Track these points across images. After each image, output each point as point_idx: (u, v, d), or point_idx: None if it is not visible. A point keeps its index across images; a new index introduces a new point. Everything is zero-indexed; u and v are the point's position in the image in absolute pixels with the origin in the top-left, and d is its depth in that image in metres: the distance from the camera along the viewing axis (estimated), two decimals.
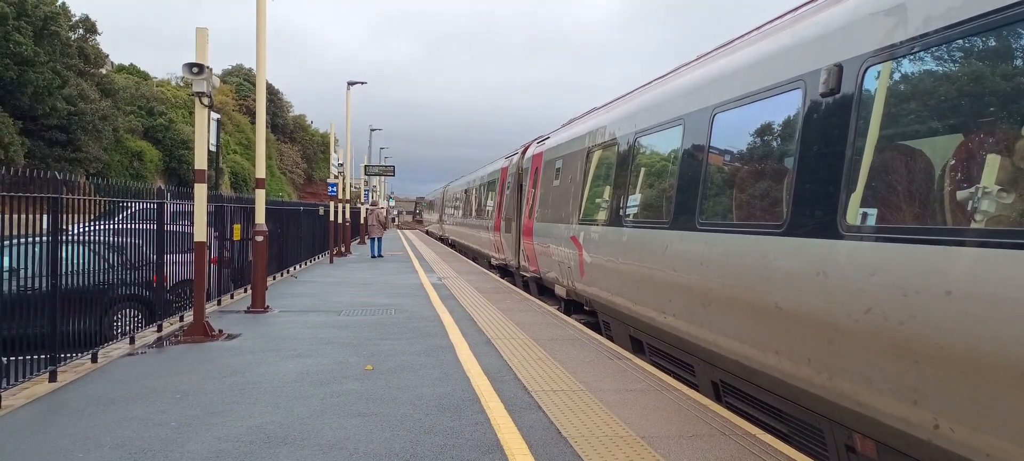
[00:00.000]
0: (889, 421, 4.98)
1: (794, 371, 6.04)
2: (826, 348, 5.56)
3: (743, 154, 7.75)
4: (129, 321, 11.21)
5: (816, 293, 5.65)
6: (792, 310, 5.98)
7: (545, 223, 16.04)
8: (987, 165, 4.42)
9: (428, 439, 6.17)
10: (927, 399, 4.56)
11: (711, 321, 7.56)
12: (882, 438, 5.20)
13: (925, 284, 4.56)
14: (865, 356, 5.13)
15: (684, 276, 8.19)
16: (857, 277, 5.21)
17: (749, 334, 6.75)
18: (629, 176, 10.81)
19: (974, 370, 4.20)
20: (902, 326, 4.73)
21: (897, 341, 4.79)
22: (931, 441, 4.57)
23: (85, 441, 6.05)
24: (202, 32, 10.73)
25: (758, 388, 6.92)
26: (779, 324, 6.17)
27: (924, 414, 4.60)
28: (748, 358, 6.84)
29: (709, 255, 7.60)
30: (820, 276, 5.62)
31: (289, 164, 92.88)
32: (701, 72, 9.05)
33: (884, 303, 4.90)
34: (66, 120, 43.83)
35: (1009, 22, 4.25)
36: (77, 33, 49.43)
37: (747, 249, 6.82)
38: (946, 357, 4.40)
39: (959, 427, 4.33)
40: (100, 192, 9.25)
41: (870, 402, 5.15)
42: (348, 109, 34.91)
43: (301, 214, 25.04)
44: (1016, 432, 3.94)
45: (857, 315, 5.17)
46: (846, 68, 5.70)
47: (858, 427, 5.47)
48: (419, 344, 10.48)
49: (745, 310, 6.78)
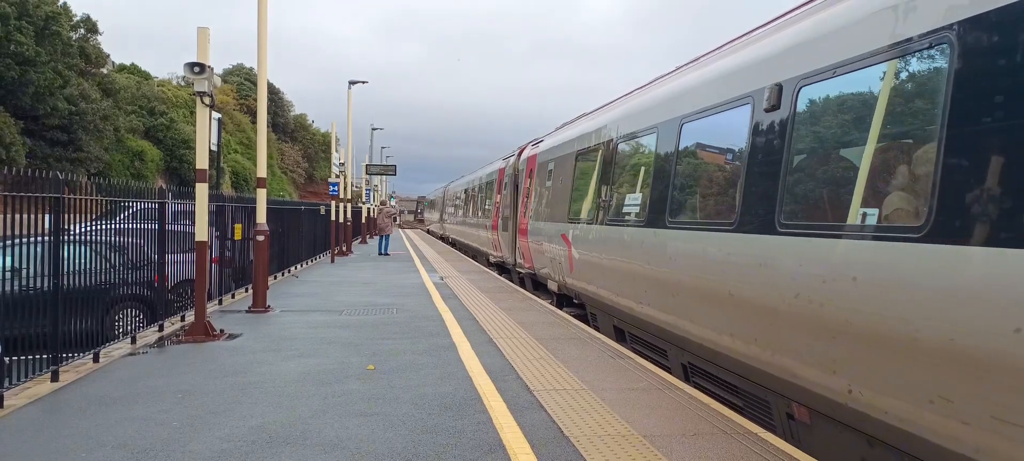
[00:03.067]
0: (816, 389, 5.85)
1: (745, 350, 6.93)
2: (768, 329, 6.44)
3: (705, 160, 8.77)
4: (131, 321, 11.20)
5: (759, 281, 6.58)
6: (742, 297, 6.90)
7: (539, 222, 16.92)
8: (884, 172, 5.46)
9: (430, 439, 6.16)
10: (842, 368, 5.47)
11: (679, 309, 8.48)
12: (813, 404, 6.08)
13: (837, 272, 5.49)
14: (797, 334, 6.01)
15: (656, 269, 9.15)
16: (789, 267, 6.14)
17: (710, 320, 7.66)
18: (611, 178, 11.78)
19: (873, 342, 5.10)
20: (822, 308, 5.65)
21: (819, 320, 5.69)
22: (847, 404, 5.47)
23: (87, 440, 6.05)
24: (203, 32, 10.73)
25: (718, 367, 7.82)
26: (732, 310, 7.10)
27: (841, 381, 5.50)
28: (710, 341, 7.73)
29: (677, 250, 8.59)
30: (762, 267, 6.56)
31: (290, 163, 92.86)
32: (673, 84, 9.98)
33: (809, 289, 5.82)
34: (67, 120, 43.80)
35: (889, 58, 5.34)
36: (78, 33, 49.41)
37: (707, 244, 7.75)
38: (854, 332, 5.31)
39: (866, 390, 5.23)
40: (101, 192, 9.25)
41: (803, 374, 6.03)
42: (349, 108, 34.92)
43: (302, 213, 25.02)
44: (905, 391, 4.81)
45: (789, 299, 6.06)
46: (785, 88, 6.65)
47: (795, 397, 6.35)
48: (421, 343, 10.48)
49: (706, 298, 7.72)
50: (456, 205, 42.96)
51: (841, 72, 5.92)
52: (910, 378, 4.76)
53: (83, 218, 8.62)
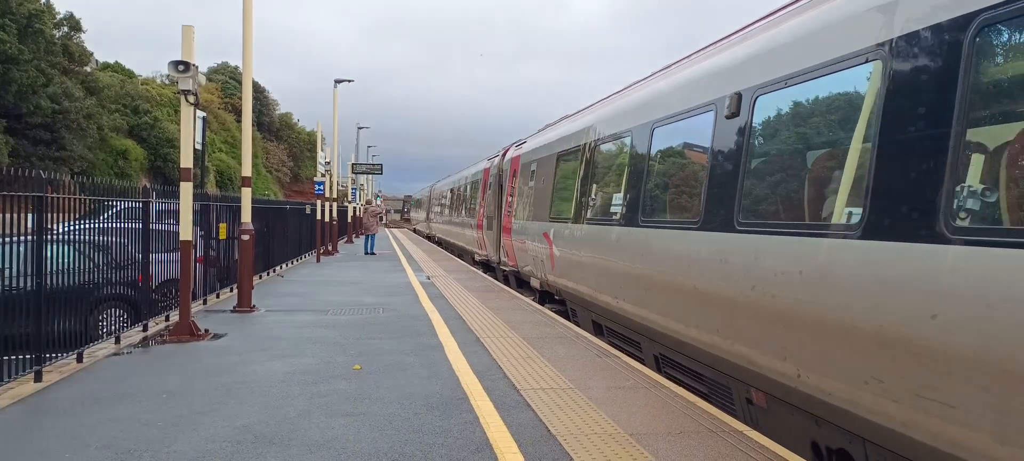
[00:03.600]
0: (771, 375, 6.31)
1: (709, 341, 7.41)
2: (729, 320, 6.92)
3: (674, 162, 9.32)
4: (115, 321, 11.11)
5: (720, 276, 7.07)
6: (705, 290, 7.39)
7: (522, 221, 17.46)
8: (827, 175, 5.98)
9: (417, 438, 6.16)
10: (792, 354, 5.91)
11: (651, 303, 8.98)
12: (768, 389, 6.55)
13: (786, 266, 5.97)
14: (753, 324, 6.48)
15: (630, 266, 9.66)
16: (745, 262, 6.60)
17: (678, 312, 8.14)
18: (589, 179, 12.32)
19: (817, 330, 5.57)
20: (774, 299, 6.11)
21: (772, 311, 6.16)
22: (797, 388, 5.91)
23: (71, 441, 6.00)
24: (188, 30, 10.67)
25: (686, 357, 8.33)
26: (697, 302, 7.59)
27: (791, 366, 5.94)
28: (678, 332, 8.21)
29: (648, 248, 9.10)
30: (722, 262, 7.05)
31: (275, 162, 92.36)
32: (646, 90, 10.51)
33: (763, 281, 6.27)
34: (50, 118, 43.38)
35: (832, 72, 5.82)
36: (61, 31, 48.97)
37: (675, 242, 8.29)
38: (800, 321, 5.79)
39: (812, 374, 5.69)
40: (85, 191, 9.18)
41: (759, 361, 6.48)
42: (335, 107, 34.79)
43: (288, 212, 24.94)
44: (845, 374, 5.27)
45: (746, 292, 6.54)
46: (743, 96, 7.13)
47: (753, 382, 6.82)
48: (408, 343, 10.46)
49: (675, 293, 8.21)
50: (442, 204, 43.55)
51: (792, 83, 6.40)
52: (848, 362, 5.23)
53: (66, 217, 8.55)
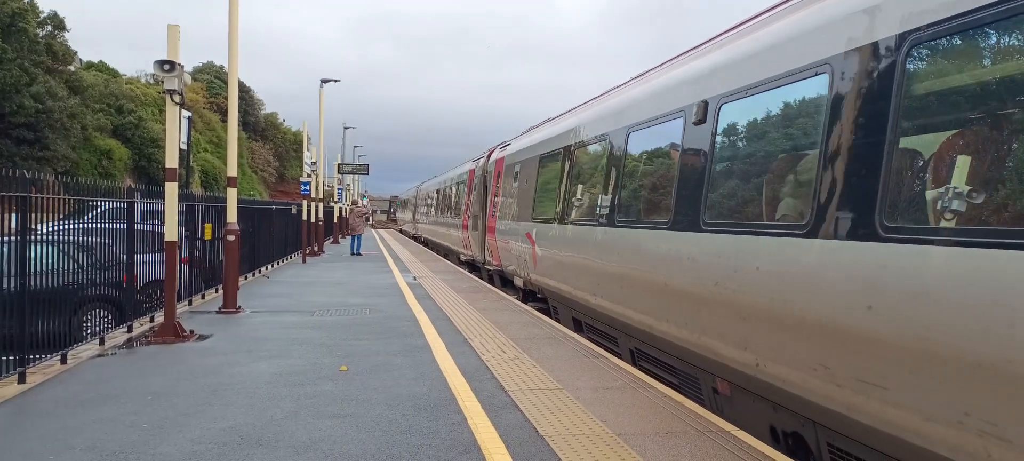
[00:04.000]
0: (733, 364, 6.74)
1: (679, 334, 7.85)
2: (696, 314, 7.37)
3: (647, 165, 9.79)
4: (99, 322, 11.02)
5: (688, 272, 7.54)
6: (675, 286, 7.86)
7: (506, 221, 17.89)
8: (781, 179, 6.44)
9: (404, 439, 6.14)
10: (751, 345, 6.34)
11: (627, 300, 9.42)
12: (731, 378, 7.03)
13: (746, 263, 6.42)
14: (717, 317, 6.92)
15: (607, 264, 10.12)
16: (709, 259, 7.09)
17: (651, 308, 8.61)
18: (569, 181, 12.79)
19: (772, 321, 5.99)
20: (735, 293, 6.55)
21: (733, 304, 6.59)
22: (756, 376, 6.36)
23: (55, 443, 5.95)
24: (174, 29, 10.60)
25: (659, 350, 8.81)
26: (668, 298, 8.07)
27: (751, 356, 6.37)
28: (651, 327, 8.66)
29: (624, 247, 9.55)
30: (690, 260, 7.51)
31: (261, 163, 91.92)
32: (623, 96, 10.99)
33: (725, 277, 6.73)
34: (34, 118, 42.97)
35: (786, 83, 6.30)
36: (45, 30, 48.55)
37: (648, 241, 8.73)
38: (758, 314, 6.21)
39: (769, 363, 6.11)
40: (69, 191, 9.11)
41: (723, 352, 6.91)
42: (321, 107, 34.65)
43: (273, 213, 24.84)
44: (797, 362, 5.69)
45: (711, 287, 6.99)
46: (710, 104, 7.57)
47: (718, 372, 7.28)
48: (395, 344, 10.44)
49: (648, 290, 8.67)
50: (428, 205, 43.91)
51: (752, 93, 6.87)
52: (800, 351, 5.66)
53: (50, 217, 8.48)
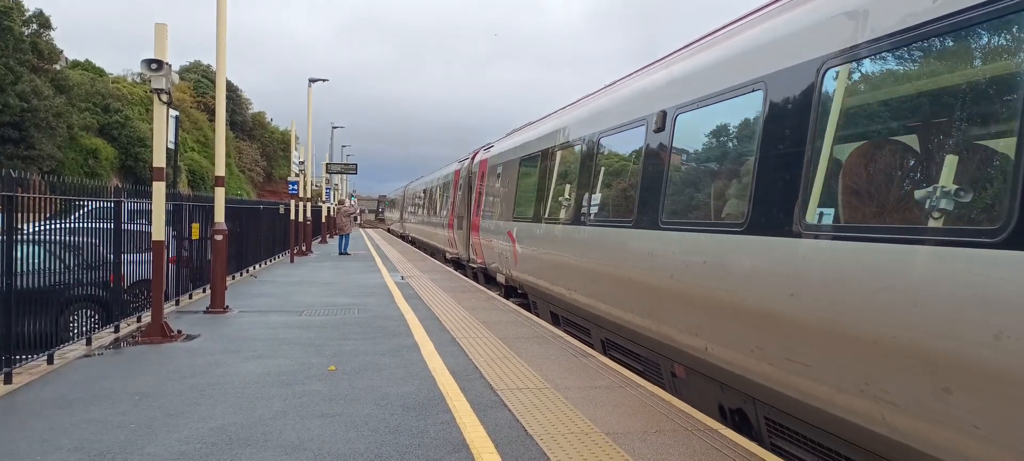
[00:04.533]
0: (687, 350, 7.53)
1: (642, 324, 8.65)
2: (656, 305, 8.14)
3: (615, 168, 10.59)
4: (86, 322, 10.96)
5: (648, 266, 8.32)
6: (638, 279, 8.65)
7: (489, 220, 18.78)
8: (725, 181, 7.26)
9: (393, 439, 6.14)
10: (702, 331, 7.09)
11: (597, 294, 10.23)
12: (686, 363, 7.85)
13: (694, 257, 7.19)
14: (673, 307, 7.68)
15: (580, 261, 10.95)
16: (666, 254, 7.85)
17: (618, 300, 9.39)
18: (546, 182, 13.76)
19: (717, 309, 6.73)
20: (687, 285, 7.31)
21: (686, 295, 7.38)
22: (705, 359, 7.11)
23: (42, 444, 5.92)
24: (161, 28, 10.55)
25: (625, 340, 9.67)
26: (632, 291, 8.86)
27: (701, 341, 7.12)
28: (619, 318, 9.46)
29: (595, 244, 10.33)
30: (650, 255, 8.28)
31: (248, 162, 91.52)
32: (594, 104, 11.96)
33: (679, 270, 7.48)
34: (19, 117, 42.68)
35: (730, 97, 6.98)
36: (30, 28, 48.23)
37: (615, 238, 9.53)
38: (705, 302, 6.97)
39: (715, 346, 6.88)
40: (55, 190, 9.06)
41: (679, 338, 7.67)
42: (309, 106, 34.54)
43: (261, 213, 24.74)
44: (737, 345, 6.42)
45: (667, 279, 7.73)
46: (668, 114, 8.32)
47: (675, 358, 8.07)
48: (383, 344, 10.43)
49: (615, 284, 9.45)
50: (416, 205, 44.95)
51: (702, 105, 7.61)
52: (739, 335, 6.35)
53: (36, 217, 8.43)
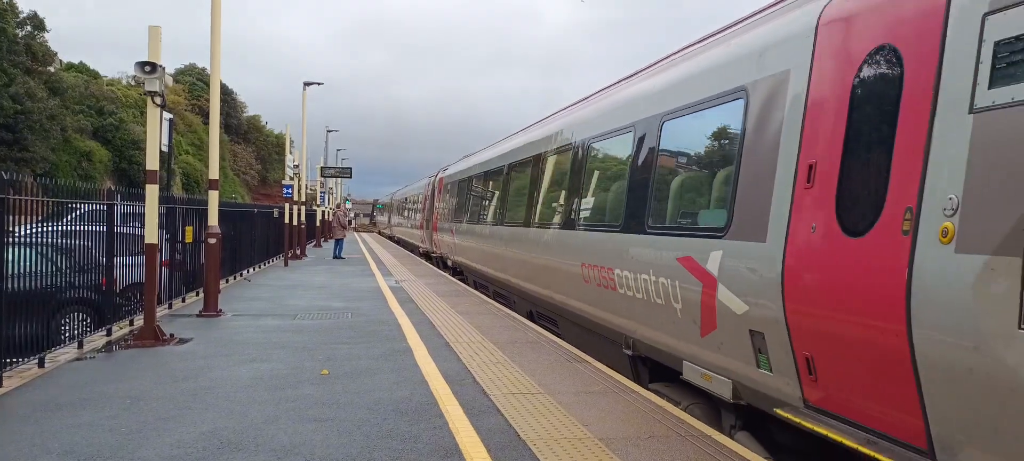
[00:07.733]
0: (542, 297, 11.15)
1: (560, 299, 11.38)
2: (568, 284, 10.76)
3: (491, 191, 14.56)
4: (77, 325, 10.92)
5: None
6: (556, 266, 11.35)
7: (443, 222, 26.79)
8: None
9: (385, 444, 6.12)
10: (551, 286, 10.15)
11: (493, 265, 14.50)
12: (542, 307, 11.15)
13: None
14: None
15: (484, 246, 17.18)
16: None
17: (542, 281, 12.33)
18: (471, 197, 20.58)
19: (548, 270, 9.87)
20: (544, 261, 10.07)
21: (546, 268, 10.89)
22: (544, 299, 9.94)
23: (32, 447, 5.89)
24: (155, 30, 10.54)
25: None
26: (552, 274, 11.66)
27: (546, 292, 10.61)
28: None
29: (491, 235, 15.12)
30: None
31: (243, 165, 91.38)
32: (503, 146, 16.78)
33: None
34: (12, 119, 42.59)
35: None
36: (24, 30, 48.14)
37: (500, 232, 13.22)
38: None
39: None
40: (48, 193, 9.03)
41: (542, 293, 11.11)
42: (304, 109, 34.56)
43: (255, 216, 24.71)
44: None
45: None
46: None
47: (521, 296, 11.39)
48: (376, 348, 10.41)
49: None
50: (399, 211, 55.87)
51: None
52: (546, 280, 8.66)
53: (29, 219, 8.40)
